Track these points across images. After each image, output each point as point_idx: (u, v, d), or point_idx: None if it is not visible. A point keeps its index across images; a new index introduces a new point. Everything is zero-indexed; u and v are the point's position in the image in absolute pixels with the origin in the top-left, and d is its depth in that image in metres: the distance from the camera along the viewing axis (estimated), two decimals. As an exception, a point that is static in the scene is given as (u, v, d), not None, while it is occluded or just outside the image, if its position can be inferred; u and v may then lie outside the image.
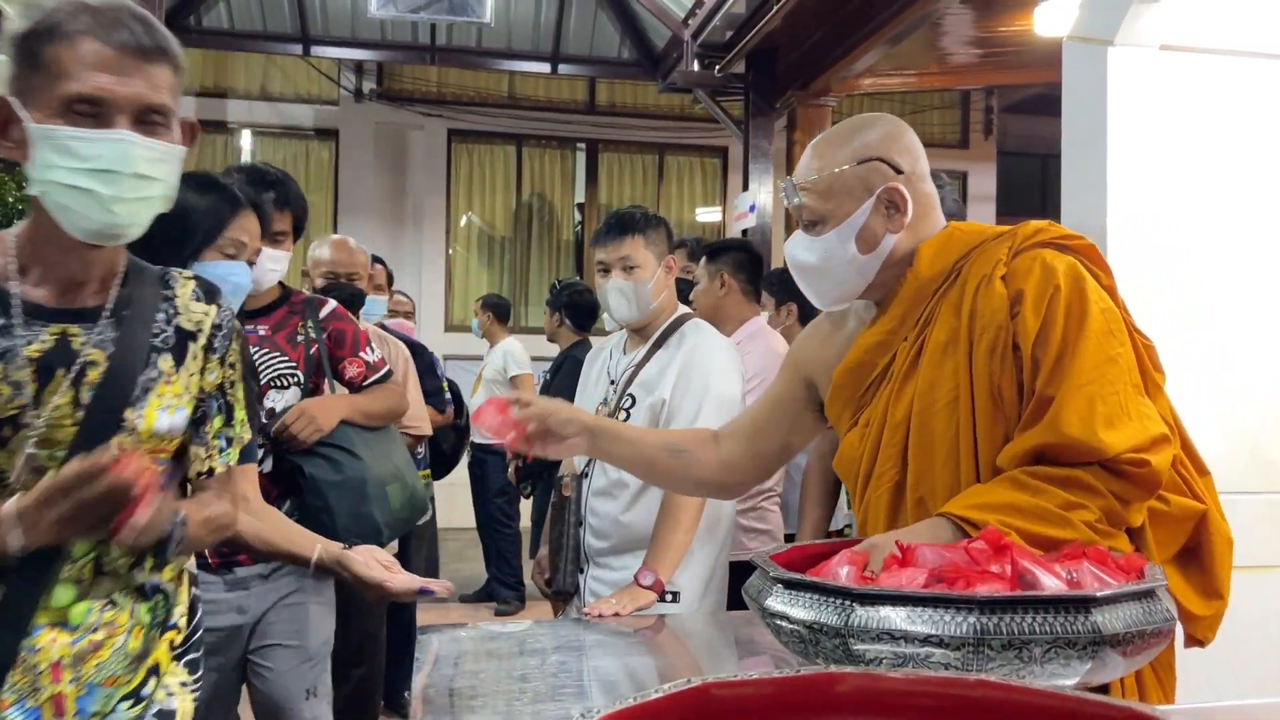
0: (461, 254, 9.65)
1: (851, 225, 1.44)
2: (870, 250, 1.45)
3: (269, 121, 9.36)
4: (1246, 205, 2.37)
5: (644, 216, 2.40)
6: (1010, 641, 0.91)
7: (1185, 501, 1.35)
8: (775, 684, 0.73)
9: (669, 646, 1.80)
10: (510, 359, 5.83)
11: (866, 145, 1.45)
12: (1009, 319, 1.34)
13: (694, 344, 2.30)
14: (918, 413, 1.39)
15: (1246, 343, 2.35)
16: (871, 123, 1.49)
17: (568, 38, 7.83)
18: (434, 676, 1.46)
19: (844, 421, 1.53)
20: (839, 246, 1.45)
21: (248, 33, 7.71)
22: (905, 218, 1.44)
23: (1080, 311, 1.31)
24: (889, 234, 1.45)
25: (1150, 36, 2.30)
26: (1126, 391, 1.29)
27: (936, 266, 1.43)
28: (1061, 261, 1.35)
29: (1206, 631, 1.35)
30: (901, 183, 1.44)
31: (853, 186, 1.44)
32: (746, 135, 6.95)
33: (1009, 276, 1.36)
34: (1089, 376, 1.27)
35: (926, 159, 1.50)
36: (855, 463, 1.48)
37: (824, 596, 0.99)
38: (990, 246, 1.41)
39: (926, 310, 1.43)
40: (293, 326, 2.26)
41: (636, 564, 2.25)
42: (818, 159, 1.47)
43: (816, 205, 1.46)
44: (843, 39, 5.98)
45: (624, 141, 9.79)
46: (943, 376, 1.37)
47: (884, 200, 1.44)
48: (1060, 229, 1.43)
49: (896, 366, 1.43)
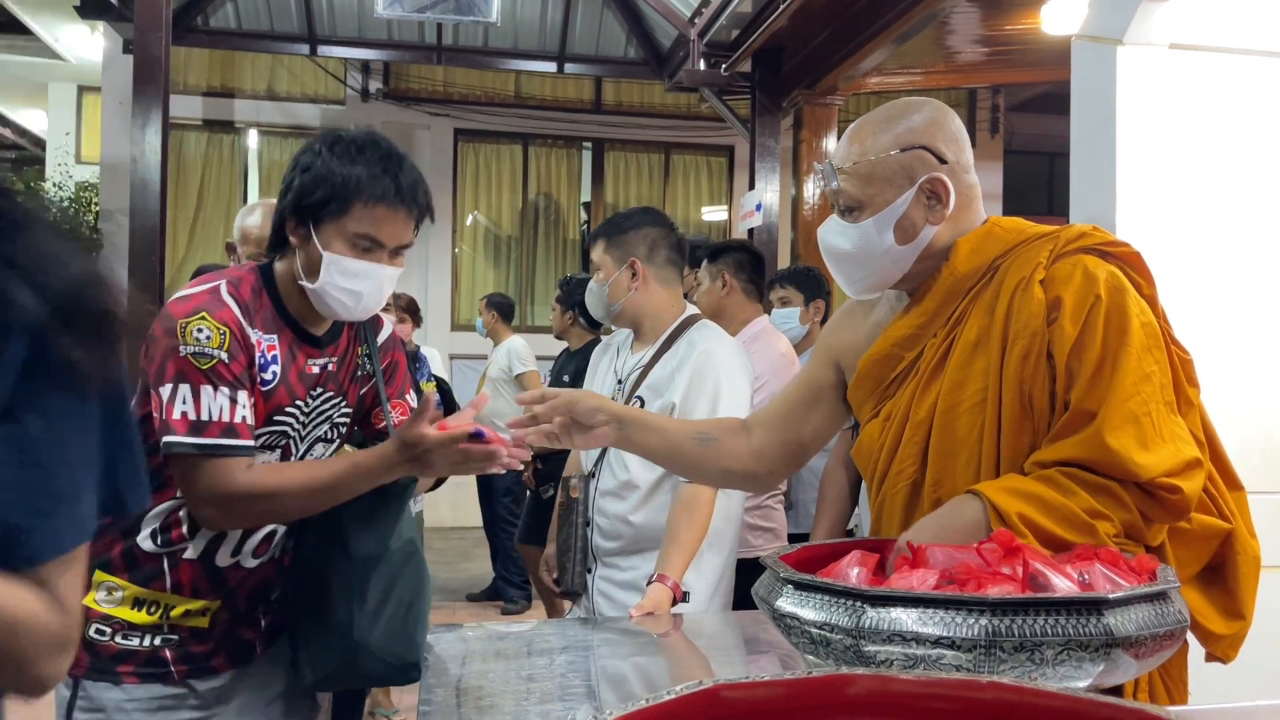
0: (468, 253, 9.66)
1: (890, 214, 1.39)
2: (908, 241, 1.40)
3: (276, 121, 9.37)
4: (1257, 205, 2.36)
5: (618, 221, 2.43)
6: (1022, 643, 0.91)
7: (1209, 520, 1.31)
8: (786, 685, 0.72)
9: (677, 646, 1.80)
10: (515, 357, 5.82)
11: (911, 131, 1.40)
12: (1045, 325, 1.30)
13: (704, 348, 2.28)
14: (941, 412, 1.36)
15: (1258, 342, 2.34)
16: (917, 107, 1.43)
17: (574, 37, 7.83)
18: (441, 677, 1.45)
19: (865, 411, 1.50)
20: (875, 235, 1.40)
21: (255, 32, 7.72)
22: (946, 209, 1.40)
23: (1121, 325, 1.27)
24: (929, 225, 1.40)
25: (1159, 35, 2.29)
26: (1159, 411, 1.26)
27: (973, 263, 1.39)
28: (1103, 270, 1.31)
29: (1228, 650, 1.32)
30: (945, 173, 1.39)
31: (894, 174, 1.39)
32: (753, 134, 6.94)
33: (1048, 281, 1.32)
34: (1129, 394, 1.25)
35: (970, 148, 1.45)
36: (874, 455, 1.45)
37: (835, 598, 0.99)
38: (1031, 248, 1.37)
39: (959, 307, 1.39)
40: (354, 359, 1.76)
41: (645, 564, 2.24)
42: (859, 143, 1.42)
43: (855, 191, 1.41)
44: (850, 38, 5.97)
45: (630, 141, 9.78)
46: (970, 377, 1.35)
47: (925, 190, 1.39)
48: (1104, 235, 1.39)
49: (924, 362, 1.40)
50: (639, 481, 2.26)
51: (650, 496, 2.26)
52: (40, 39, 9.69)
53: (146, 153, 5.89)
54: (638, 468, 2.26)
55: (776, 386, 2.90)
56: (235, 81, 9.28)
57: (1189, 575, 1.33)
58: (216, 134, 9.25)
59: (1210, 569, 1.34)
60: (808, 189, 6.78)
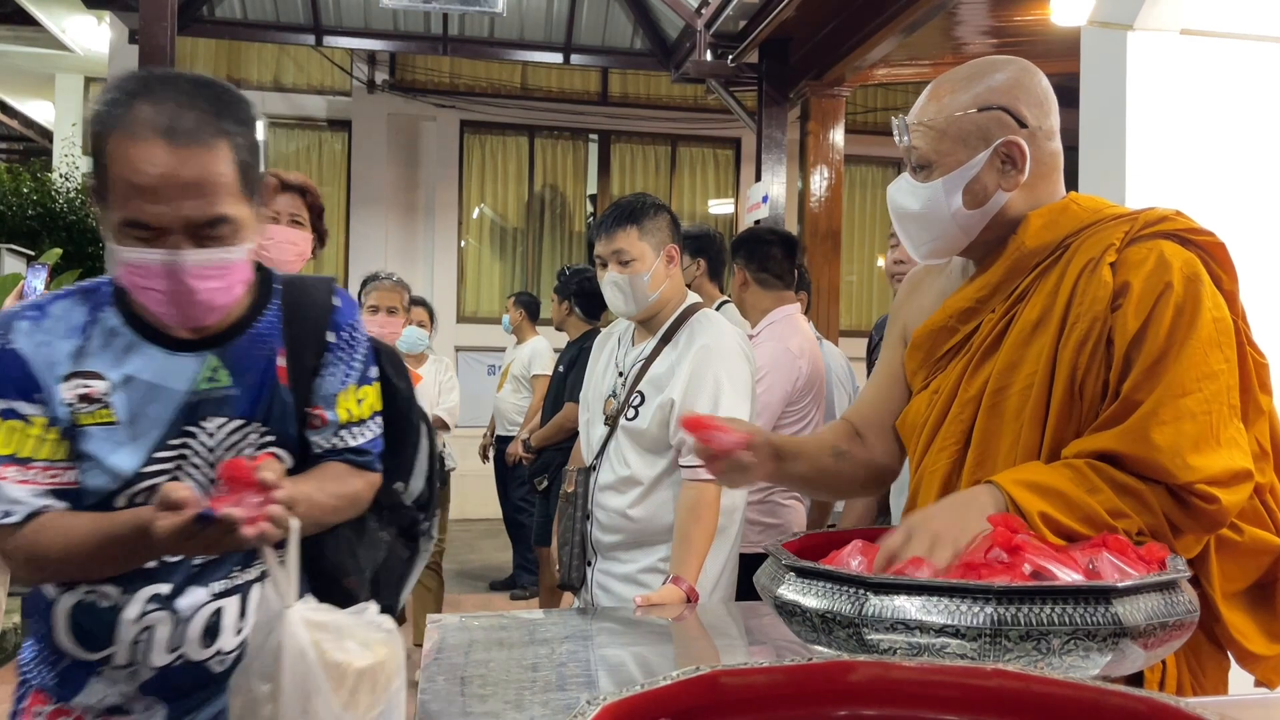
0: (474, 245, 9.65)
1: (961, 175, 1.32)
2: (977, 206, 1.33)
3: (282, 112, 9.37)
4: (1269, 191, 2.33)
5: (640, 206, 2.28)
6: (1028, 632, 0.89)
7: (1262, 534, 1.24)
8: (787, 672, 0.71)
9: (678, 636, 1.79)
10: (536, 359, 5.90)
11: (992, 91, 1.33)
12: (1108, 311, 1.24)
13: (703, 342, 2.23)
14: (991, 392, 1.30)
15: (1271, 331, 2.32)
16: (1001, 66, 1.36)
17: (580, 28, 7.81)
18: (444, 665, 1.45)
19: (916, 382, 1.44)
20: (944, 196, 1.33)
21: (260, 23, 7.71)
22: (1022, 175, 1.32)
23: (1191, 316, 1.20)
24: (1001, 191, 1.33)
25: (1170, 21, 2.26)
26: (1221, 413, 1.19)
27: (1043, 238, 1.32)
28: (1180, 258, 1.23)
29: (1271, 674, 1.25)
30: (1024, 137, 1.32)
31: (969, 134, 1.32)
32: (760, 126, 6.91)
33: (1119, 265, 1.25)
34: (1186, 389, 1.18)
35: (1058, 113, 1.37)
36: (919, 428, 1.40)
37: (838, 585, 0.98)
38: (1106, 228, 1.29)
39: (1023, 284, 1.32)
40: None
41: (644, 558, 2.23)
42: (936, 100, 1.35)
43: (927, 149, 1.34)
44: (857, 29, 5.94)
45: (637, 132, 9.76)
46: (1026, 358, 1.28)
47: (1000, 154, 1.32)
48: (1189, 220, 1.31)
49: (978, 338, 1.34)
50: (640, 477, 2.23)
51: (651, 492, 2.23)
52: (46, 30, 9.69)
53: (152, 143, 5.88)
54: (638, 463, 2.24)
55: (776, 380, 2.87)
56: (241, 72, 9.27)
57: (1235, 591, 1.25)
58: (223, 125, 9.25)
59: (1259, 587, 1.27)
60: (814, 181, 6.75)
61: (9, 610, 4.58)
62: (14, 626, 4.77)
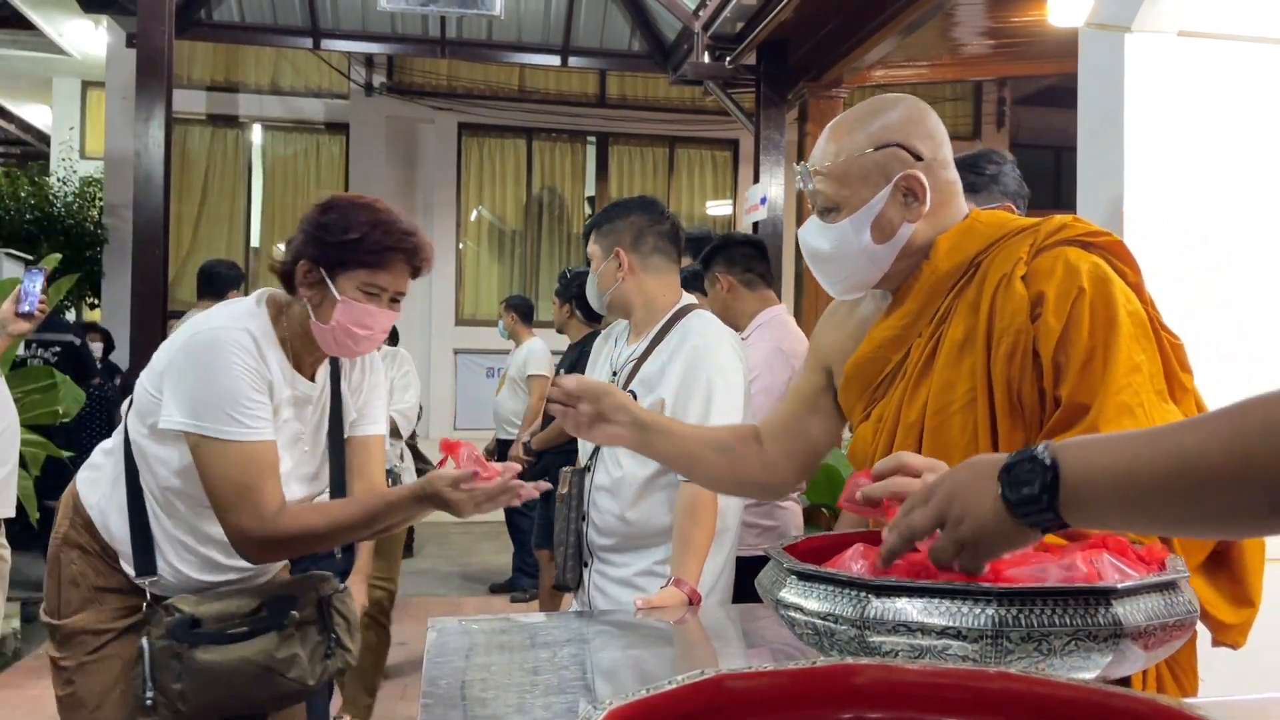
0: (472, 248, 9.65)
1: (867, 213, 1.38)
2: (886, 240, 1.39)
3: (280, 116, 9.38)
4: (1267, 192, 2.34)
5: (602, 211, 2.45)
6: (1030, 634, 0.90)
7: None
8: (791, 676, 0.71)
9: (679, 640, 1.79)
10: (531, 360, 5.89)
11: (885, 129, 1.38)
12: (1029, 322, 1.28)
13: (695, 342, 2.24)
14: (933, 413, 1.35)
15: (1269, 331, 2.33)
16: (891, 104, 1.42)
17: (578, 30, 7.82)
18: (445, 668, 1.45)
19: (856, 413, 1.49)
20: (853, 235, 1.39)
21: (258, 26, 7.72)
22: (924, 206, 1.38)
23: (1108, 315, 1.25)
24: (906, 223, 1.38)
25: (1168, 22, 2.27)
26: (1151, 400, 1.24)
27: (954, 260, 1.37)
28: (1085, 261, 1.29)
29: (1237, 637, 1.30)
30: (921, 170, 1.37)
31: (869, 173, 1.37)
32: (758, 127, 6.92)
33: (1030, 276, 1.30)
34: (1120, 385, 1.23)
35: (949, 143, 1.44)
36: (869, 458, 1.43)
37: (839, 588, 0.98)
38: (1011, 243, 1.35)
39: (943, 306, 1.38)
40: None
41: (639, 561, 2.23)
42: (834, 143, 1.41)
43: (831, 191, 1.40)
44: (855, 30, 5.95)
45: (635, 134, 9.78)
46: (959, 377, 1.33)
47: (901, 188, 1.37)
48: (1085, 225, 1.37)
49: (911, 363, 1.39)
50: (632, 478, 2.23)
51: (644, 493, 2.23)
52: (44, 33, 9.69)
53: (150, 147, 5.89)
54: (631, 464, 2.24)
55: (770, 381, 2.88)
56: (239, 76, 9.28)
57: (1194, 564, 1.29)
58: (220, 128, 9.26)
59: (1215, 556, 1.31)
60: (813, 182, 6.76)
61: (8, 615, 4.58)
62: (14, 632, 4.77)
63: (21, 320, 2.77)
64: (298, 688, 1.89)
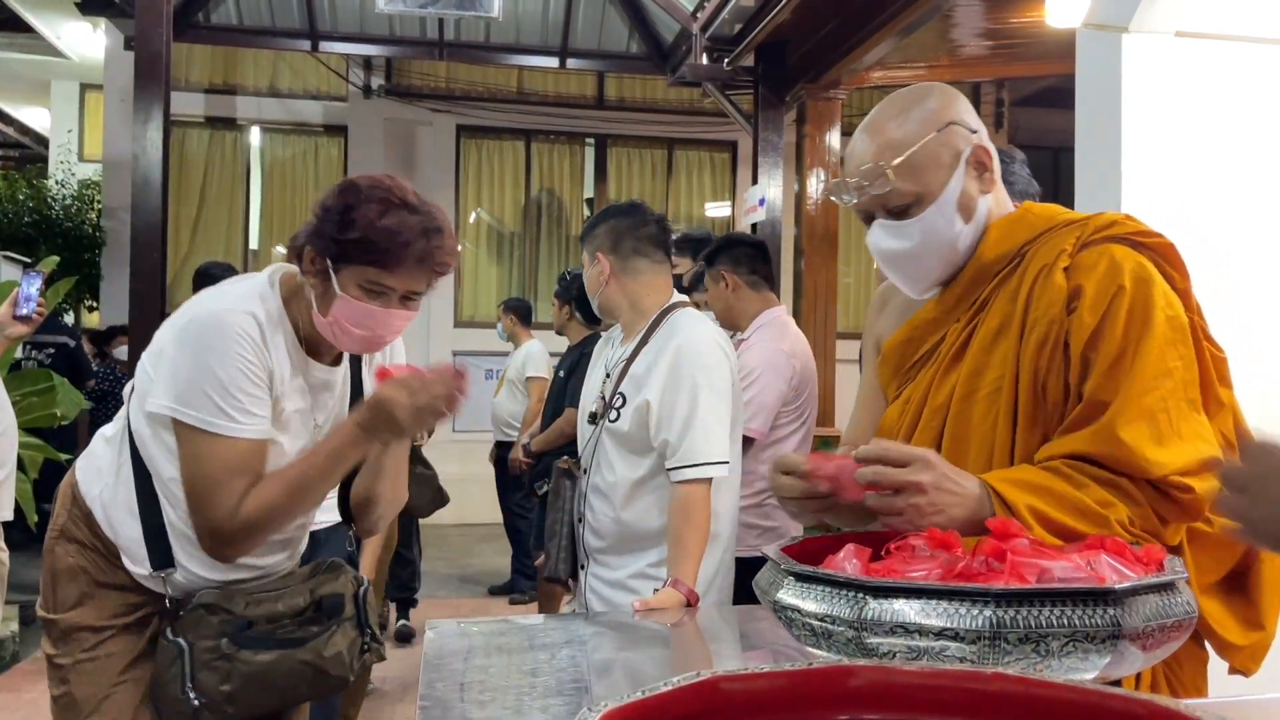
0: (471, 250, 9.65)
1: (950, 196, 1.33)
2: (970, 218, 1.35)
3: (278, 118, 9.38)
4: (1265, 193, 2.34)
5: (590, 218, 2.54)
6: (1027, 635, 0.89)
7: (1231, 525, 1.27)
8: (788, 677, 0.71)
9: (677, 641, 1.79)
10: (530, 361, 5.88)
11: (938, 112, 1.35)
12: (1064, 314, 1.26)
13: (678, 342, 2.23)
14: (958, 399, 1.33)
15: (1269, 331, 2.32)
16: (925, 91, 1.39)
17: (576, 32, 7.82)
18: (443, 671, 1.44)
19: (890, 391, 1.48)
20: (942, 222, 1.34)
21: (256, 28, 7.71)
22: (994, 175, 1.36)
23: (1144, 316, 1.23)
24: (982, 195, 1.36)
25: (1165, 23, 2.27)
26: (1179, 408, 1.22)
27: (1001, 248, 1.35)
28: (1131, 260, 1.26)
29: (1248, 662, 1.27)
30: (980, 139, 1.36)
31: (939, 156, 1.33)
32: (756, 129, 6.92)
33: (1072, 269, 1.28)
34: (1146, 388, 1.21)
35: None
36: (893, 437, 1.41)
37: (836, 589, 0.98)
38: (1058, 234, 1.32)
39: (984, 293, 1.35)
40: None
41: (634, 563, 2.23)
42: (884, 140, 1.34)
43: (908, 187, 1.33)
44: (853, 31, 5.95)
45: (633, 136, 9.77)
46: (989, 365, 1.31)
47: (973, 162, 1.34)
48: (1137, 224, 1.34)
49: (945, 347, 1.37)
50: (623, 480, 2.24)
51: (634, 495, 2.23)
52: (42, 36, 9.69)
53: (148, 150, 5.89)
54: (622, 467, 2.24)
55: (771, 382, 2.88)
56: (237, 78, 9.28)
57: (1209, 582, 1.27)
58: (219, 131, 9.26)
59: (1233, 576, 1.28)
60: (811, 183, 6.76)
61: (7, 618, 4.57)
62: (12, 635, 4.76)
63: (19, 323, 2.76)
64: (338, 685, 1.82)
